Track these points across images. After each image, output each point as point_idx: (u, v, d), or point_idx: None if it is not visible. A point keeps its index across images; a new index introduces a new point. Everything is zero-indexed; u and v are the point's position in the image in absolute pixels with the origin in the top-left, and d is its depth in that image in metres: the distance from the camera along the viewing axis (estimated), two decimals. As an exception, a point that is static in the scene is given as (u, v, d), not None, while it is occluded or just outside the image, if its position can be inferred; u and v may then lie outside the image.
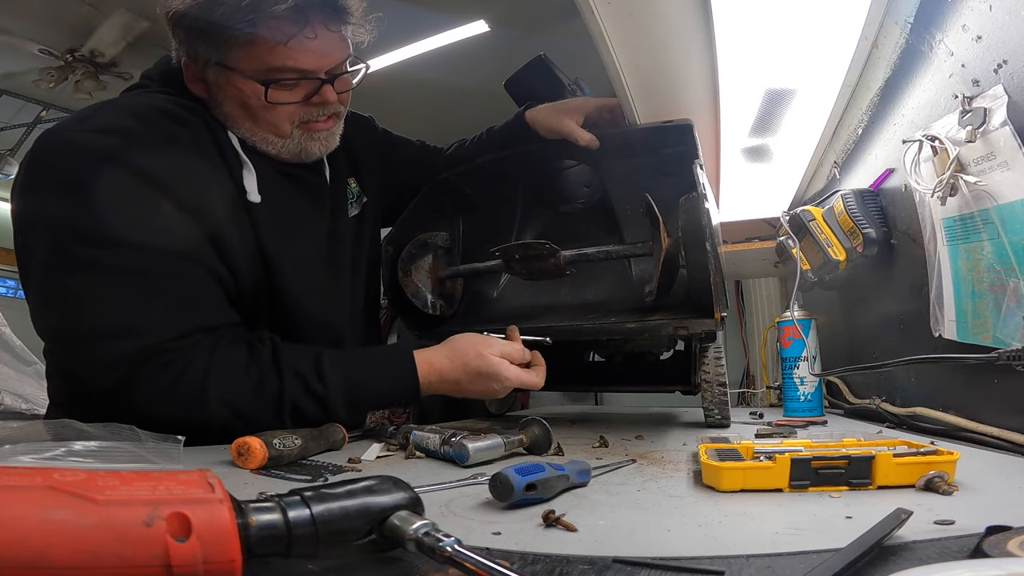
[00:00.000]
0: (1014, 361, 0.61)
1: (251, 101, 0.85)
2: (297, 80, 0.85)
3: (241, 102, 0.85)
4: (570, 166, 1.11)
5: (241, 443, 0.61)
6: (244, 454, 0.61)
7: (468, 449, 0.63)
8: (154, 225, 0.76)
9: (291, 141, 0.90)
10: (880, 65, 0.95)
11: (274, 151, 0.90)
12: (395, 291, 1.04)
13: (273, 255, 0.86)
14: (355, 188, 1.07)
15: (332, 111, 0.91)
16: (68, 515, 0.24)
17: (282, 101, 0.86)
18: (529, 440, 0.71)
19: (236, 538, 0.27)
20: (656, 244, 0.84)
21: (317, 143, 0.92)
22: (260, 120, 0.87)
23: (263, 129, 0.88)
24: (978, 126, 0.67)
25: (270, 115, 0.86)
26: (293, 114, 0.88)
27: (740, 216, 1.49)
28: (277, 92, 0.84)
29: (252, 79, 0.83)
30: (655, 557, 0.34)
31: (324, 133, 0.92)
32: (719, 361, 0.96)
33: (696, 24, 0.79)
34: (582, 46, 0.83)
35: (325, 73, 0.87)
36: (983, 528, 0.35)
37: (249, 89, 0.84)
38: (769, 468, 0.49)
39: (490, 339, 0.90)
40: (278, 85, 0.84)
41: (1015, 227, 0.65)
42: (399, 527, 0.32)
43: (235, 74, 0.83)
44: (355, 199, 1.06)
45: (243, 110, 0.86)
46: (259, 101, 0.84)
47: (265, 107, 0.85)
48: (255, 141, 0.89)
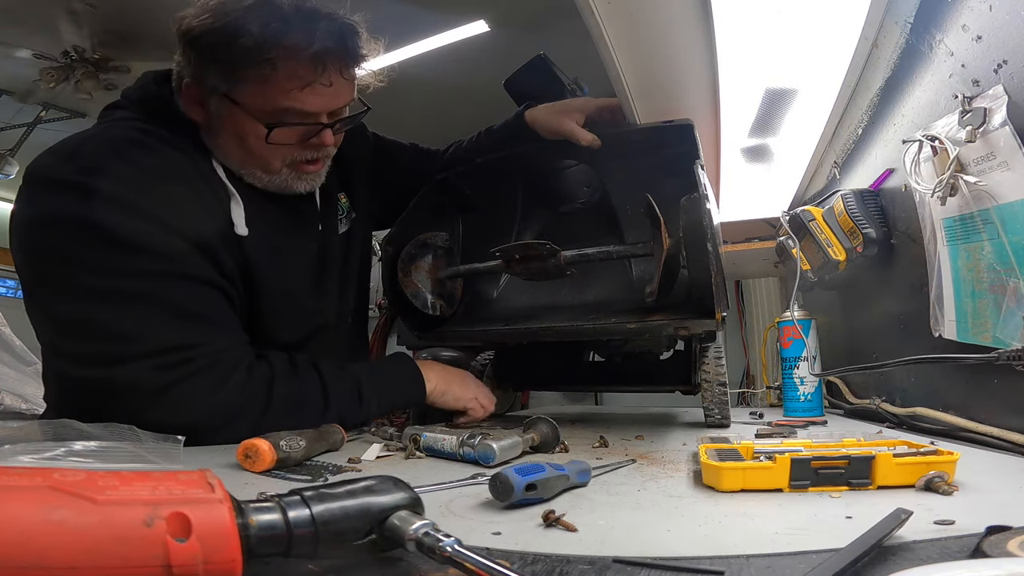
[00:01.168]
0: (1014, 361, 0.62)
1: (250, 139, 0.84)
2: (301, 124, 0.84)
3: (239, 137, 0.84)
4: (570, 166, 1.11)
5: (249, 445, 0.61)
6: (252, 456, 0.61)
7: (495, 449, 0.63)
8: (168, 254, 0.76)
9: (278, 177, 0.89)
10: (880, 65, 0.95)
11: (260, 184, 0.90)
12: (395, 291, 1.04)
13: (259, 285, 0.87)
14: (345, 203, 1.07)
15: (326, 154, 0.91)
16: (68, 515, 0.24)
17: (282, 142, 0.85)
18: (539, 438, 0.71)
19: (236, 538, 0.27)
20: (657, 244, 0.84)
21: (303, 183, 0.92)
22: (253, 155, 0.86)
23: (252, 164, 0.87)
24: (978, 126, 0.67)
25: (265, 152, 0.85)
26: (287, 154, 0.87)
27: (740, 216, 1.49)
28: (278, 133, 0.83)
29: (256, 119, 0.82)
30: (655, 557, 0.34)
31: (312, 175, 0.92)
32: (719, 361, 0.96)
33: (696, 24, 0.79)
34: (582, 46, 0.83)
35: (327, 116, 0.86)
36: (983, 528, 0.35)
37: (251, 128, 0.83)
38: (769, 468, 0.49)
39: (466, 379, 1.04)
40: (281, 127, 0.83)
41: (1015, 227, 0.65)
42: (399, 527, 0.32)
43: (239, 109, 0.82)
44: (345, 214, 1.07)
45: (238, 143, 0.85)
46: (258, 140, 0.83)
47: (263, 146, 0.84)
48: (242, 173, 0.88)
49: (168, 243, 0.76)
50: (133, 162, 0.77)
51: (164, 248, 0.76)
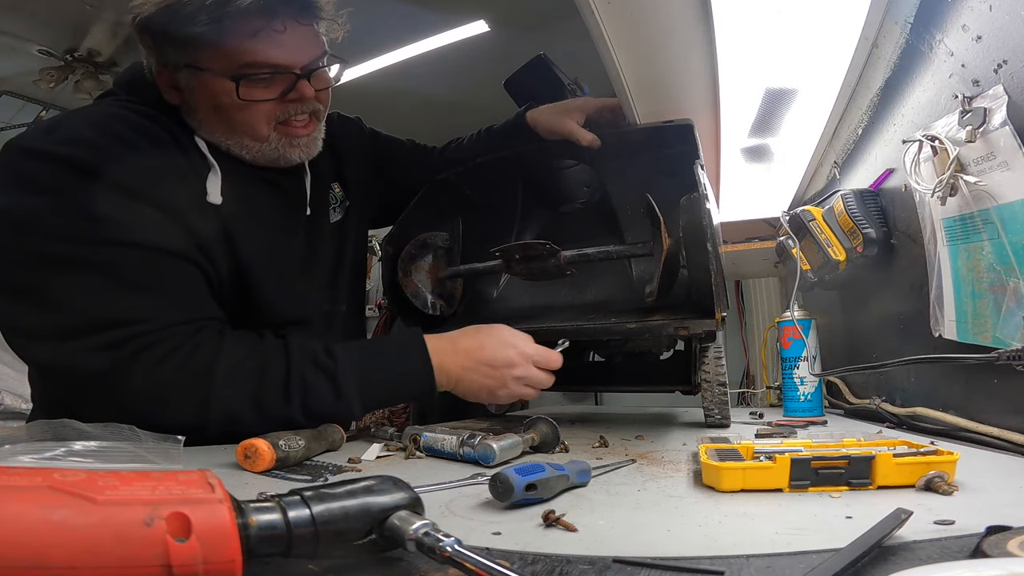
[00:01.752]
0: (1014, 361, 0.61)
1: (223, 100, 0.82)
2: (270, 76, 0.82)
3: (214, 104, 0.83)
4: (570, 166, 1.11)
5: (248, 445, 0.61)
6: (251, 456, 0.61)
7: (495, 449, 0.63)
8: (132, 224, 0.74)
9: (268, 145, 0.87)
10: (880, 65, 0.95)
11: (250, 156, 0.87)
12: (395, 291, 1.04)
13: (241, 254, 0.84)
14: (338, 193, 1.05)
15: (310, 109, 0.88)
16: (68, 515, 0.24)
17: (256, 98, 0.83)
18: (539, 438, 0.71)
19: (236, 538, 0.27)
20: (657, 244, 0.84)
21: (297, 149, 0.89)
22: (235, 122, 0.84)
23: (239, 132, 0.85)
24: (978, 126, 0.67)
25: (245, 115, 0.84)
26: (269, 113, 0.85)
27: (740, 216, 1.49)
28: (250, 89, 0.82)
29: (222, 76, 0.81)
30: (655, 557, 0.34)
31: (304, 139, 0.89)
32: (719, 361, 0.96)
33: (696, 24, 0.79)
34: (582, 46, 0.83)
35: (300, 69, 0.84)
36: (983, 528, 0.35)
37: (221, 88, 0.81)
38: (769, 468, 0.49)
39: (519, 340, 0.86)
40: (250, 81, 0.81)
41: (1015, 227, 0.65)
42: (399, 527, 0.32)
43: (206, 74, 0.81)
44: (338, 204, 1.05)
45: (217, 113, 0.84)
46: (232, 99, 0.81)
47: (239, 106, 0.82)
48: (230, 146, 0.86)
49: (131, 210, 0.75)
50: (105, 131, 0.77)
51: (125, 215, 0.74)
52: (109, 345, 0.72)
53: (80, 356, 0.72)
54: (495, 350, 0.85)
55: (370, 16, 2.02)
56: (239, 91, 0.81)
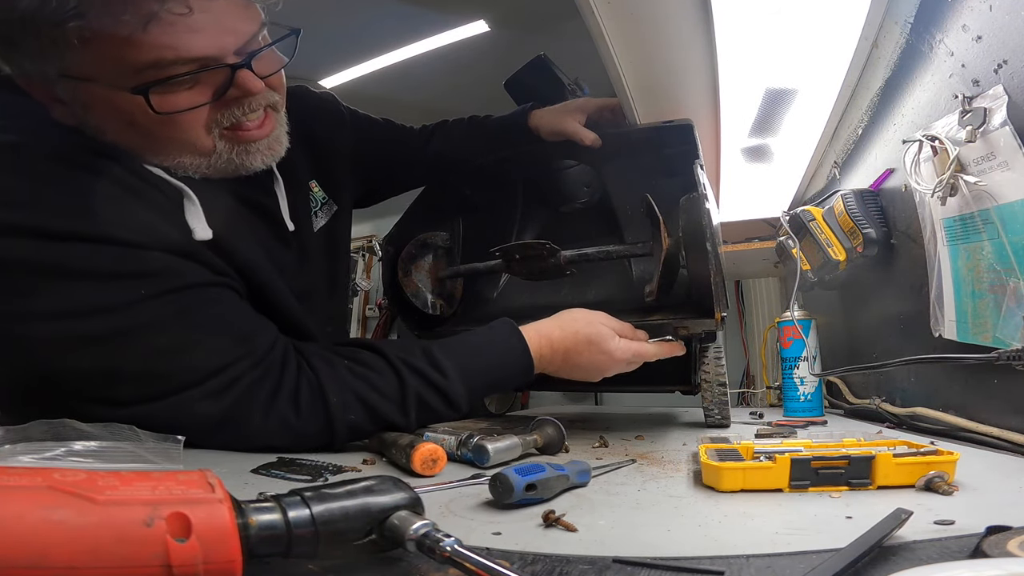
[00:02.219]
0: (1014, 361, 0.61)
1: (139, 118, 0.61)
2: (192, 74, 0.61)
3: (127, 121, 0.62)
4: (570, 166, 1.11)
5: (432, 451, 0.59)
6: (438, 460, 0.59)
7: (488, 451, 0.62)
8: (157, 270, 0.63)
9: (216, 157, 0.68)
10: (880, 65, 0.95)
11: (199, 175, 0.68)
12: (395, 291, 1.04)
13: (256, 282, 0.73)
14: (319, 194, 0.90)
15: (262, 103, 0.68)
16: (68, 515, 0.24)
17: (181, 107, 0.62)
18: (543, 441, 0.70)
19: (236, 538, 0.27)
20: (656, 244, 0.84)
21: (257, 155, 0.70)
22: (163, 141, 0.64)
23: (174, 151, 0.65)
24: (978, 126, 0.67)
25: (175, 131, 0.63)
26: (208, 120, 0.65)
27: (740, 216, 1.49)
28: (169, 96, 0.61)
29: (120, 88, 0.59)
30: (655, 557, 0.34)
31: (263, 142, 0.70)
32: (719, 361, 0.96)
33: (696, 24, 0.79)
34: (582, 46, 0.83)
35: (233, 55, 0.63)
36: (983, 528, 0.35)
37: (127, 101, 0.60)
38: (769, 468, 0.49)
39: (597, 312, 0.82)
40: (163, 89, 0.60)
41: (1015, 227, 0.65)
42: (399, 527, 0.32)
43: (97, 86, 0.59)
44: (320, 206, 0.90)
45: (135, 132, 0.63)
46: (149, 116, 0.60)
47: (162, 121, 0.61)
48: (168, 167, 0.66)
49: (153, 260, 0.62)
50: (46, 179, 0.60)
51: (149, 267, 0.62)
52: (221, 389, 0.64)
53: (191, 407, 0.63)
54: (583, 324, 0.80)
55: (370, 16, 2.02)
56: (151, 104, 0.60)
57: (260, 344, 0.67)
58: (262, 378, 0.66)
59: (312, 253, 0.87)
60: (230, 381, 0.64)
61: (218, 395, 0.64)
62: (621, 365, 0.82)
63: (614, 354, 0.80)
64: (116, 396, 0.63)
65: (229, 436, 0.65)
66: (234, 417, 0.64)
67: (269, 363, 0.67)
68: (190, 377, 0.63)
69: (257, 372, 0.65)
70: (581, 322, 0.80)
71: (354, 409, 0.67)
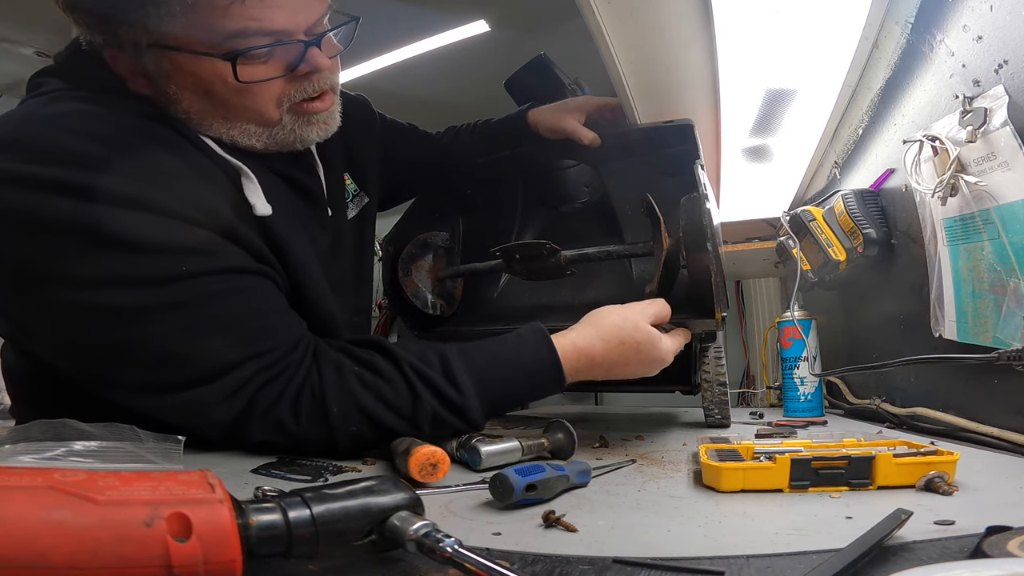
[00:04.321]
0: (1014, 361, 0.62)
1: (217, 87, 0.65)
2: (271, 48, 0.65)
3: (204, 91, 0.66)
4: (570, 166, 1.11)
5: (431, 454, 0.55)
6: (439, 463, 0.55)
7: (480, 453, 0.61)
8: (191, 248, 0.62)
9: (279, 128, 0.71)
10: (881, 65, 0.95)
11: (261, 144, 0.72)
12: (395, 291, 1.04)
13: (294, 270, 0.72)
14: (351, 186, 0.93)
15: (328, 82, 0.72)
16: (68, 515, 0.24)
17: (259, 78, 0.66)
18: (551, 445, 0.67)
19: (236, 538, 0.27)
20: (657, 244, 0.84)
21: (315, 127, 0.74)
22: (236, 110, 0.68)
23: (243, 119, 0.69)
24: (979, 126, 0.67)
25: (248, 100, 0.67)
26: (280, 94, 0.69)
27: (740, 216, 1.49)
28: (249, 67, 0.65)
29: (209, 55, 0.63)
30: (655, 557, 0.34)
31: (322, 115, 0.74)
32: (719, 361, 0.96)
33: (696, 24, 0.79)
34: (582, 46, 0.82)
35: (305, 33, 0.68)
36: (983, 528, 0.35)
37: (209, 70, 0.64)
38: (769, 468, 0.49)
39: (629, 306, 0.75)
40: (248, 58, 0.64)
41: (1015, 227, 0.65)
42: (399, 527, 0.32)
43: (183, 55, 0.63)
44: (352, 198, 0.93)
45: (209, 101, 0.67)
46: (228, 84, 0.65)
47: (239, 91, 0.66)
48: (234, 136, 0.70)
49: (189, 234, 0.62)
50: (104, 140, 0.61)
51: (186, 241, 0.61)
52: (234, 389, 0.63)
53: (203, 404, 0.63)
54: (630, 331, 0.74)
55: (370, 16, 2.02)
56: (236, 72, 0.64)
57: (281, 343, 0.66)
58: (271, 381, 0.65)
59: (344, 242, 0.89)
60: (243, 381, 0.63)
61: (231, 397, 0.63)
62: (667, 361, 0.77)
63: (665, 358, 0.75)
64: (128, 380, 0.62)
65: (234, 437, 0.65)
66: (239, 422, 0.64)
67: (284, 366, 0.65)
68: (205, 369, 0.62)
69: (269, 374, 0.65)
70: (625, 328, 0.73)
71: (356, 421, 0.65)
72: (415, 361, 0.68)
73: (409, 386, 0.66)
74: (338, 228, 0.87)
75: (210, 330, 0.63)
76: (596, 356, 0.73)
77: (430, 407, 0.66)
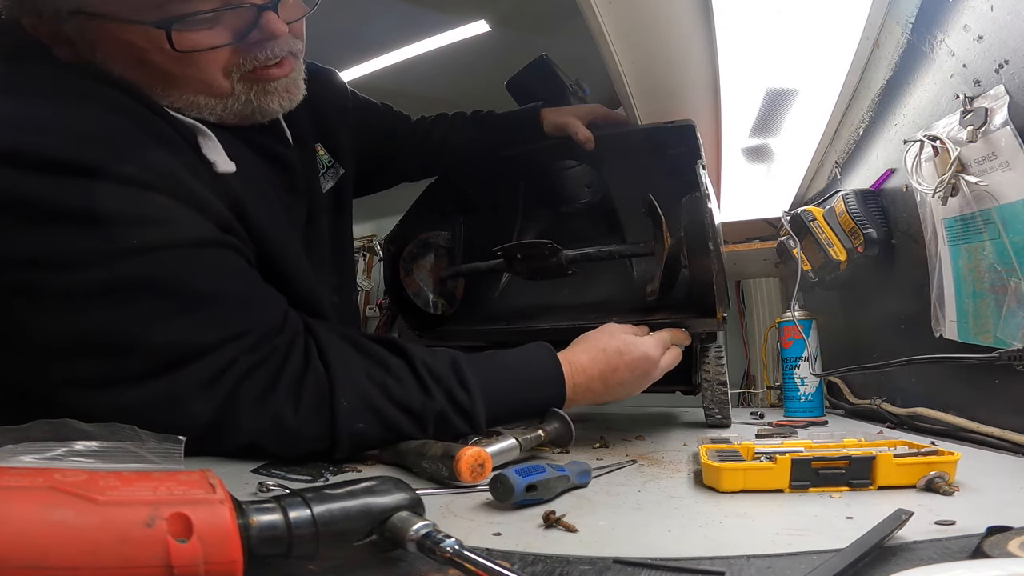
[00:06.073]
0: (1015, 361, 0.61)
1: (153, 55, 0.57)
2: (216, 12, 0.57)
3: (137, 59, 0.58)
4: (572, 166, 1.11)
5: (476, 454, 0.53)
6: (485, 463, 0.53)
7: None
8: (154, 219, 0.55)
9: (234, 100, 0.63)
10: (881, 65, 0.95)
11: (215, 117, 0.63)
12: (396, 290, 1.04)
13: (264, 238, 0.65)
14: (324, 157, 0.86)
15: (286, 49, 0.64)
16: (69, 515, 0.24)
17: (202, 46, 0.58)
18: (549, 435, 0.66)
19: (237, 539, 0.27)
20: (658, 244, 0.84)
21: (274, 97, 0.66)
22: (177, 80, 0.60)
23: (188, 90, 0.61)
24: (979, 126, 0.67)
25: (192, 70, 0.59)
26: (228, 62, 0.61)
27: (741, 216, 1.49)
28: (189, 34, 0.57)
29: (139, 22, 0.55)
30: (655, 558, 0.34)
31: (283, 82, 0.65)
32: (720, 361, 0.96)
33: (697, 24, 0.79)
34: (583, 46, 0.83)
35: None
36: (984, 528, 0.35)
37: (143, 37, 0.56)
38: (770, 468, 0.49)
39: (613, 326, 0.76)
40: (186, 24, 0.56)
41: (1016, 227, 0.65)
42: (400, 528, 0.32)
43: (110, 22, 0.56)
44: (326, 170, 0.86)
45: (147, 70, 0.58)
46: (165, 52, 0.56)
47: (178, 59, 0.57)
48: (179, 108, 0.61)
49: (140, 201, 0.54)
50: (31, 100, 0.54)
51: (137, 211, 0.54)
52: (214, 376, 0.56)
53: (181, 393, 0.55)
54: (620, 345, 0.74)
55: (370, 16, 2.02)
56: (172, 42, 0.56)
57: (260, 323, 0.59)
58: (259, 364, 0.58)
59: (321, 214, 0.83)
60: (222, 367, 0.56)
61: (208, 386, 0.55)
62: (663, 364, 0.77)
63: (651, 354, 0.74)
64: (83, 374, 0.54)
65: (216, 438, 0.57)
66: (224, 413, 0.56)
67: (271, 347, 0.59)
68: (171, 355, 0.55)
69: (254, 357, 0.57)
70: (601, 339, 0.74)
71: (364, 417, 0.60)
72: (425, 359, 0.64)
73: (422, 385, 0.63)
74: (313, 200, 0.81)
75: (171, 310, 0.55)
76: (585, 365, 0.73)
77: (439, 407, 0.63)
